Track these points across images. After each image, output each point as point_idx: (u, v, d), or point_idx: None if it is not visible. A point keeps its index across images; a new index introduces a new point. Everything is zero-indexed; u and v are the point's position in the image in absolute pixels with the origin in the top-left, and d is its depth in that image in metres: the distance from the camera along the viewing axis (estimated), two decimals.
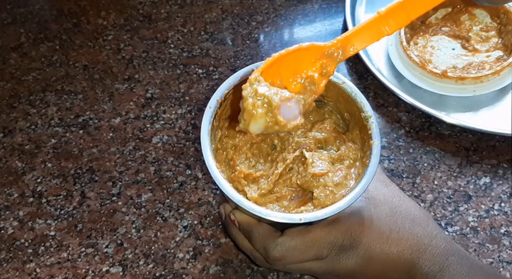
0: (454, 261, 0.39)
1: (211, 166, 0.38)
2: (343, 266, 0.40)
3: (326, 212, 0.37)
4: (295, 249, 0.39)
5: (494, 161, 0.55)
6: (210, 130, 0.40)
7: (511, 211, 0.52)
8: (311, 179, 0.40)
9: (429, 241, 0.40)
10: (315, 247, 0.39)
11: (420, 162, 0.55)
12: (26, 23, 0.68)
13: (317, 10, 0.70)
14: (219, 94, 0.41)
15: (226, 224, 0.45)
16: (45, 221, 0.51)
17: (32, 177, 0.54)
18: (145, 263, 0.49)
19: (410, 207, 0.42)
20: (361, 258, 0.39)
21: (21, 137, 0.57)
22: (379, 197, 0.41)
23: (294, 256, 0.39)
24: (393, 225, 0.40)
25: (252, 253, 0.43)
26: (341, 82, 0.42)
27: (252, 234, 0.41)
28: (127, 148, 0.56)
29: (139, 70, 0.63)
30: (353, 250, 0.39)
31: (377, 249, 0.39)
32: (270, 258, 0.40)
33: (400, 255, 0.39)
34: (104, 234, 0.51)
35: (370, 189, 0.41)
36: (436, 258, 0.39)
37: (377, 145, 0.39)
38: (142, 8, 0.69)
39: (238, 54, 0.64)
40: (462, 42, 0.61)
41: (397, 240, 0.40)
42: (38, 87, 0.61)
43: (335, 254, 0.39)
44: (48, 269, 0.49)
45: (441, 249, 0.40)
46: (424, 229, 0.41)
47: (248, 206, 0.37)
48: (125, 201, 0.53)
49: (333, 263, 0.40)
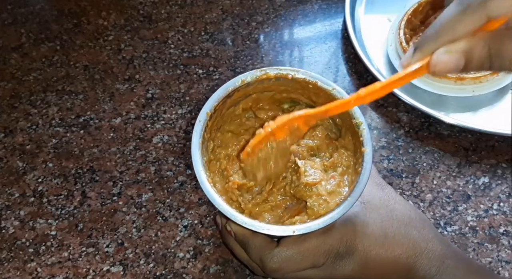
0: (450, 264, 0.39)
1: (203, 182, 0.38)
2: (340, 273, 0.40)
3: (319, 223, 0.37)
4: (292, 259, 0.39)
5: (493, 161, 0.56)
6: (201, 143, 0.40)
7: (510, 211, 0.52)
8: (304, 189, 0.41)
9: (425, 244, 0.40)
10: (311, 256, 0.39)
11: (420, 162, 0.56)
12: (26, 23, 0.68)
13: (317, 10, 0.70)
14: (208, 106, 0.41)
15: (222, 234, 0.46)
16: (46, 221, 0.52)
17: (33, 177, 0.55)
18: (146, 262, 0.49)
19: (406, 210, 0.42)
20: (358, 264, 0.40)
21: (22, 137, 0.58)
22: (374, 201, 0.42)
23: (291, 266, 0.40)
24: (388, 230, 0.40)
25: (250, 263, 0.43)
26: (331, 88, 0.42)
27: (248, 246, 0.41)
28: (127, 148, 0.57)
29: (139, 70, 0.63)
30: (349, 256, 0.39)
31: (373, 255, 0.39)
32: (267, 269, 0.40)
33: (397, 260, 0.40)
34: (105, 233, 0.51)
35: (365, 193, 0.41)
36: (433, 261, 0.39)
37: (369, 152, 0.39)
38: (143, 8, 0.70)
39: (238, 54, 0.65)
40: None
41: (393, 245, 0.40)
42: (39, 87, 0.62)
43: (331, 262, 0.40)
44: (49, 269, 0.49)
45: (437, 253, 0.40)
46: (420, 233, 0.41)
47: (241, 220, 0.37)
48: (126, 201, 0.53)
49: (330, 271, 0.40)
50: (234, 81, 0.42)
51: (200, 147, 0.40)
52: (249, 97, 0.44)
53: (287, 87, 0.43)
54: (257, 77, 0.42)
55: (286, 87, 0.44)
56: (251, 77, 0.42)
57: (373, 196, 0.42)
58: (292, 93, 0.44)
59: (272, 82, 0.43)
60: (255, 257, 0.41)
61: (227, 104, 0.43)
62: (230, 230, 0.42)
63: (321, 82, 0.42)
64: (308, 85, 0.42)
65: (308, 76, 0.42)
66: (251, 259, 0.42)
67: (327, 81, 0.42)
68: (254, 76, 0.42)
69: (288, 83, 0.43)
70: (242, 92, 0.43)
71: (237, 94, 0.43)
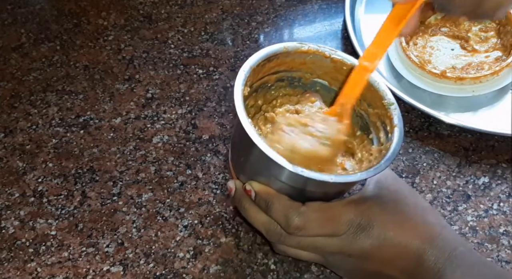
0: (462, 251, 0.40)
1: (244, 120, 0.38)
2: (358, 246, 0.41)
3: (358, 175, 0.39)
4: (316, 221, 0.40)
5: (493, 161, 0.56)
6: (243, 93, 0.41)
7: (510, 211, 0.52)
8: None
9: (440, 229, 0.41)
10: (334, 222, 0.40)
11: (420, 162, 0.56)
12: (26, 23, 0.68)
13: (317, 10, 0.70)
14: (254, 61, 0.42)
15: (237, 198, 0.44)
16: (46, 221, 0.52)
17: (33, 177, 0.55)
18: (146, 262, 0.49)
19: (421, 199, 0.45)
20: (376, 239, 0.40)
21: (22, 137, 0.58)
22: (394, 187, 0.43)
23: (313, 228, 0.40)
24: (407, 213, 0.41)
25: (267, 226, 0.42)
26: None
27: (272, 204, 0.41)
28: (127, 148, 0.57)
29: (139, 70, 0.63)
30: (369, 230, 0.40)
31: (391, 233, 0.40)
32: (291, 226, 0.40)
33: (412, 242, 0.40)
34: (105, 233, 0.51)
35: (386, 181, 0.43)
36: (446, 246, 0.40)
37: (400, 128, 0.41)
38: (143, 8, 0.70)
39: (238, 54, 0.65)
40: (461, 42, 0.62)
41: (410, 227, 0.41)
42: (39, 87, 0.62)
43: (352, 232, 0.40)
44: (49, 269, 0.49)
45: (449, 239, 0.41)
46: (436, 219, 0.42)
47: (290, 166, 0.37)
48: (126, 201, 0.53)
49: (348, 241, 0.41)
50: (277, 46, 0.43)
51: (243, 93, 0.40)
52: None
53: (320, 66, 0.45)
54: (297, 49, 0.43)
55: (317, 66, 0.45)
56: (292, 47, 0.43)
57: (393, 183, 0.44)
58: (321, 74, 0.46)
59: (309, 58, 0.44)
60: (279, 215, 0.41)
61: (264, 70, 0.44)
62: (250, 189, 0.42)
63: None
64: (343, 66, 0.44)
65: (345, 58, 0.44)
66: (272, 219, 0.42)
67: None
68: (295, 47, 0.43)
69: (323, 62, 0.44)
70: (279, 61, 0.44)
71: (275, 62, 0.44)
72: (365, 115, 0.46)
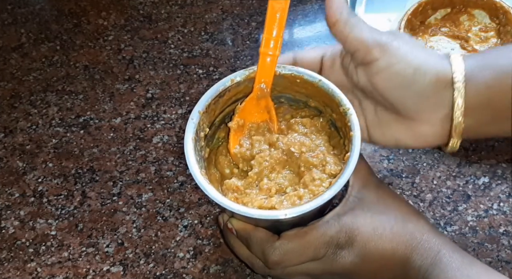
0: (445, 254, 0.40)
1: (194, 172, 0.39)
2: (340, 265, 0.40)
3: (311, 205, 0.37)
4: (293, 251, 0.40)
5: (493, 161, 0.56)
6: (195, 140, 0.41)
7: (510, 211, 0.52)
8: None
9: (421, 235, 0.41)
10: (312, 247, 0.40)
11: (419, 162, 0.56)
12: (26, 23, 0.68)
13: (317, 10, 0.70)
14: (201, 106, 0.41)
15: (224, 233, 0.46)
16: (46, 221, 0.52)
17: (33, 177, 0.55)
18: (146, 262, 0.49)
19: (402, 205, 0.43)
20: (357, 256, 0.40)
21: (22, 137, 0.58)
22: (371, 197, 0.42)
23: (292, 259, 0.40)
24: (386, 223, 0.41)
25: (250, 260, 0.43)
26: (317, 80, 0.42)
27: (249, 240, 0.41)
28: (127, 148, 0.57)
29: (139, 70, 0.63)
30: (349, 248, 0.40)
31: (372, 246, 0.40)
32: (269, 262, 0.40)
33: (395, 252, 0.40)
34: (105, 233, 0.51)
35: (361, 190, 0.42)
36: (428, 251, 0.40)
37: (357, 136, 0.39)
38: (143, 8, 0.70)
39: (238, 54, 0.65)
40: (461, 42, 0.61)
41: (391, 237, 0.40)
42: (39, 87, 0.62)
43: (331, 253, 0.40)
44: (49, 269, 0.49)
45: (432, 243, 0.40)
46: (416, 225, 0.41)
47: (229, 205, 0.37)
48: (126, 201, 0.53)
49: (330, 262, 0.40)
50: (224, 81, 0.42)
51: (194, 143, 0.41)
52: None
53: (275, 83, 0.43)
54: (246, 76, 0.42)
55: (275, 86, 0.44)
56: (240, 76, 0.42)
57: (370, 192, 0.43)
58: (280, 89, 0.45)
59: None
60: (257, 251, 0.41)
61: (220, 104, 0.43)
62: (231, 227, 0.42)
63: (307, 76, 0.42)
64: (296, 79, 0.42)
65: (295, 71, 0.42)
66: (252, 254, 0.42)
67: (312, 73, 0.42)
68: (243, 75, 0.42)
69: (277, 79, 0.43)
70: (233, 92, 0.43)
71: (229, 94, 0.43)
72: (333, 121, 0.44)
